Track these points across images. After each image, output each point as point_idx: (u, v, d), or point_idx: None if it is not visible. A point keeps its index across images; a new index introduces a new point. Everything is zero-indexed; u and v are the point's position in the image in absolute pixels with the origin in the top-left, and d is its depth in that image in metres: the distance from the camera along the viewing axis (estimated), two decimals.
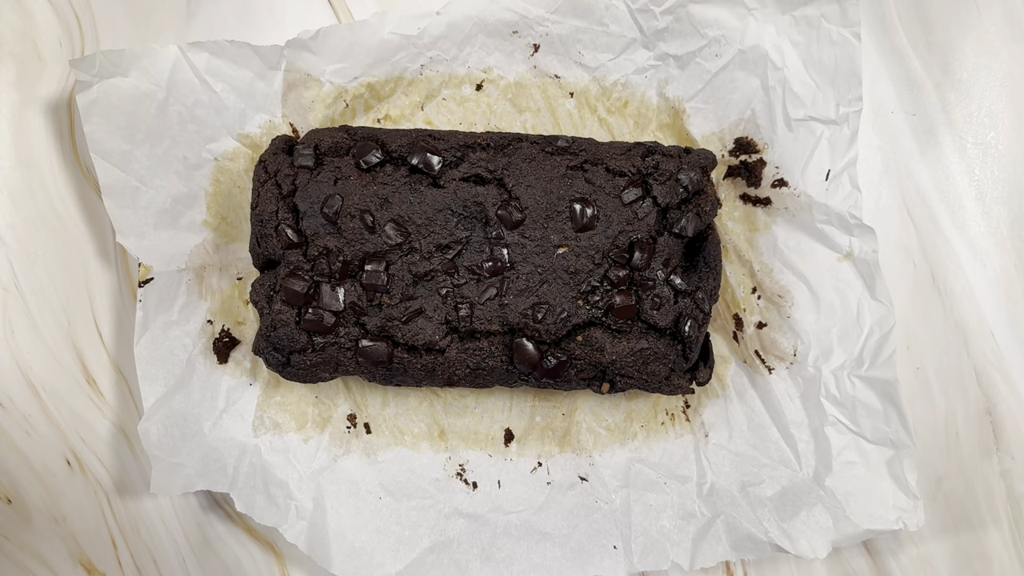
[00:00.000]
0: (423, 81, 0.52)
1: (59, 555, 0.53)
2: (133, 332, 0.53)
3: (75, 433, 0.53)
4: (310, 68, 0.50)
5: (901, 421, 0.49)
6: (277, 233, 0.46)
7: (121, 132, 0.48)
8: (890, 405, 0.49)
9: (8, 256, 0.52)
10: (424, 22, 0.50)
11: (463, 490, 0.52)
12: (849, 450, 0.50)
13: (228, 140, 0.50)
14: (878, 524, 0.49)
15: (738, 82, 0.51)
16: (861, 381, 0.49)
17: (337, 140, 0.48)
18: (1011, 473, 0.53)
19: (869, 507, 0.49)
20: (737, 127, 0.51)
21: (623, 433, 0.53)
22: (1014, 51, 0.54)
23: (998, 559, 0.53)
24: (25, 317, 0.53)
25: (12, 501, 0.53)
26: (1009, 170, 0.54)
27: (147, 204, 0.49)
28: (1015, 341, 0.53)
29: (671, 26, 0.50)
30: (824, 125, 0.49)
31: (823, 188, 0.49)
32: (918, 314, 0.54)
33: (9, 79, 0.52)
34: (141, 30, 0.53)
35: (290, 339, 0.46)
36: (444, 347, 0.47)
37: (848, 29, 0.48)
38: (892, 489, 0.49)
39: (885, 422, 0.49)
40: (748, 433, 0.52)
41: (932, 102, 0.54)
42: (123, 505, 0.54)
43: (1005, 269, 0.54)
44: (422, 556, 0.51)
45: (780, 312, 0.51)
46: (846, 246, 0.49)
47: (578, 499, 0.52)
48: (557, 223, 0.46)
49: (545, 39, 0.51)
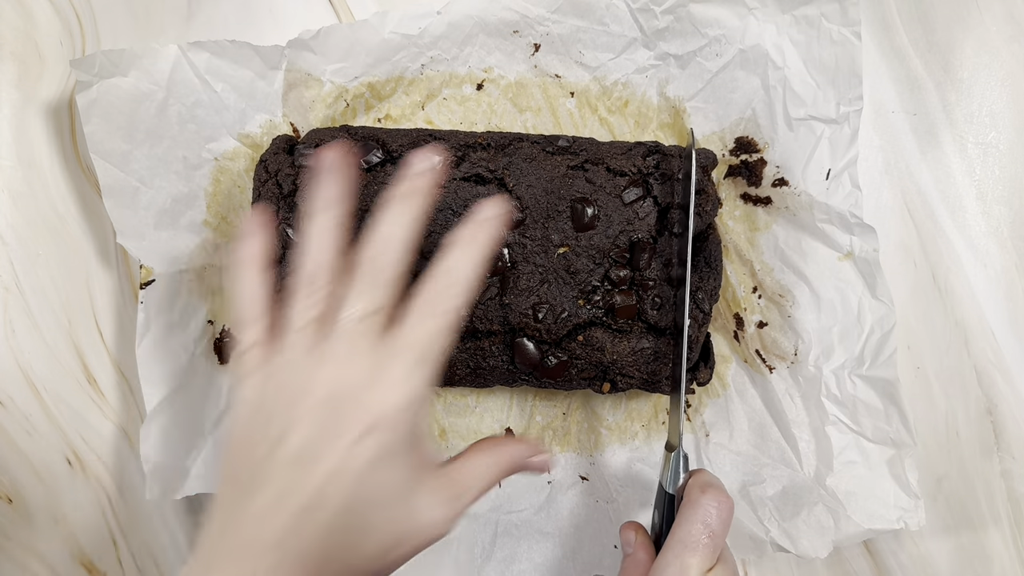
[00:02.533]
0: (424, 81, 0.52)
1: (59, 555, 0.53)
2: (134, 332, 0.53)
3: (76, 433, 0.53)
4: (311, 68, 0.50)
5: (902, 420, 0.49)
6: (277, 233, 0.46)
7: (121, 132, 0.48)
8: (891, 404, 0.49)
9: (9, 256, 0.52)
10: (425, 22, 0.50)
11: None
12: (850, 449, 0.50)
13: (228, 140, 0.50)
14: (879, 523, 0.49)
15: (739, 81, 0.51)
16: (862, 380, 0.49)
17: (338, 140, 0.48)
18: (1012, 473, 0.53)
19: (870, 506, 0.49)
20: (738, 126, 0.51)
21: (623, 432, 0.53)
22: (1015, 51, 0.54)
23: (998, 559, 0.53)
24: (26, 317, 0.53)
25: (13, 501, 0.53)
26: (1010, 170, 0.54)
27: (147, 204, 0.49)
28: (1016, 341, 0.53)
29: (671, 25, 0.50)
30: (825, 124, 0.49)
31: (824, 187, 0.49)
32: (918, 314, 0.53)
33: (10, 79, 0.52)
34: (142, 30, 0.53)
35: None
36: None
37: (849, 28, 0.48)
38: (893, 488, 0.49)
39: (886, 421, 0.49)
40: (749, 433, 0.52)
41: (933, 102, 0.54)
42: (124, 505, 0.54)
43: (1006, 269, 0.54)
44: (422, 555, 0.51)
45: (781, 311, 0.51)
46: (847, 245, 0.49)
47: (579, 498, 0.52)
48: (558, 223, 0.46)
49: (546, 38, 0.51)
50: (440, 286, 0.35)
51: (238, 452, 0.34)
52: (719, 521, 0.38)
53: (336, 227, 0.36)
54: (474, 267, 0.35)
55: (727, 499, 0.39)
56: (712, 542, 0.38)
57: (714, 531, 0.38)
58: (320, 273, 0.35)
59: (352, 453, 0.32)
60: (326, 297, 0.35)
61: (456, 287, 0.35)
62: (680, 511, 0.39)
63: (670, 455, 0.43)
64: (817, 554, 0.49)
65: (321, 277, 0.35)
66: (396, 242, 0.35)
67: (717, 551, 0.38)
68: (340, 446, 0.32)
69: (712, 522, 0.38)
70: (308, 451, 0.32)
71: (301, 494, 0.32)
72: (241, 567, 0.31)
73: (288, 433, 0.33)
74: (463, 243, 0.35)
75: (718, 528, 0.38)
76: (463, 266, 0.35)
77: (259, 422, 0.34)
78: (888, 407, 0.49)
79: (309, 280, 0.35)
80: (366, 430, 0.32)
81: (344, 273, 0.35)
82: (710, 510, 0.38)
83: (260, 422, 0.34)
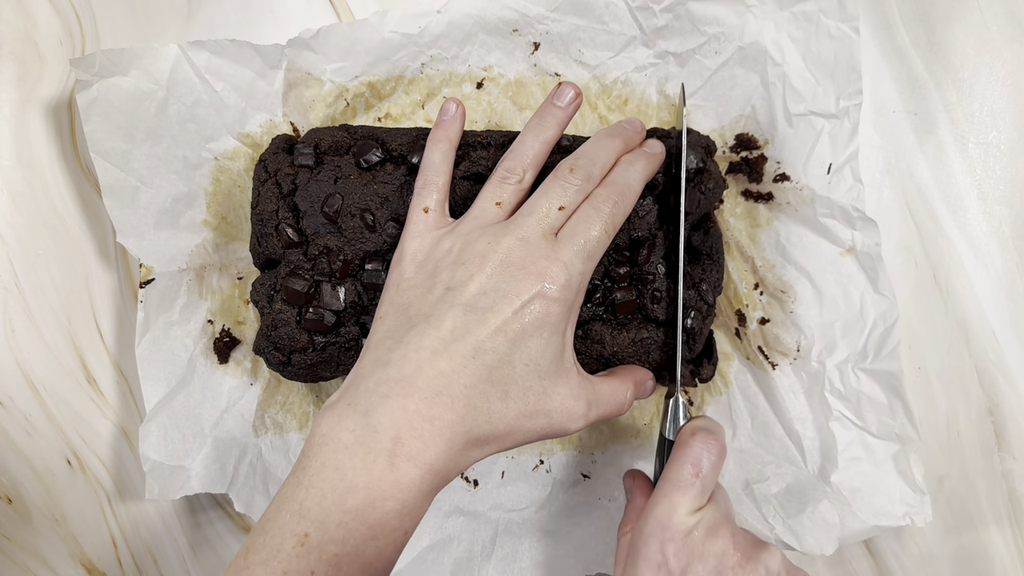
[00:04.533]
0: (424, 80, 0.52)
1: (59, 555, 0.53)
2: (133, 332, 0.53)
3: (76, 433, 0.53)
4: (311, 67, 0.50)
5: (907, 415, 0.49)
6: (277, 232, 0.46)
7: (121, 132, 0.48)
8: (895, 398, 0.49)
9: (8, 255, 0.52)
10: (425, 20, 0.50)
11: (464, 488, 0.52)
12: (854, 445, 0.50)
13: (228, 139, 0.50)
14: (885, 520, 0.49)
15: (738, 79, 0.50)
16: (865, 374, 0.49)
17: (337, 139, 0.47)
18: (1013, 473, 0.53)
19: (875, 503, 0.49)
20: (738, 123, 0.51)
21: (625, 431, 0.53)
22: (1016, 50, 0.54)
23: (1000, 559, 0.53)
24: (26, 316, 0.53)
25: (12, 501, 0.53)
26: (1011, 170, 0.54)
27: (147, 204, 0.49)
28: (1017, 341, 0.53)
29: (670, 24, 0.50)
30: (825, 119, 0.49)
31: (825, 181, 0.49)
32: (919, 314, 0.53)
33: (10, 78, 0.52)
34: (142, 29, 0.53)
35: (291, 338, 0.45)
36: None
37: (847, 23, 0.48)
38: (898, 484, 0.49)
39: (891, 416, 0.49)
40: (752, 430, 0.52)
41: (934, 101, 0.54)
42: (123, 505, 0.54)
43: (1007, 269, 0.53)
44: (423, 554, 0.51)
45: (783, 307, 0.51)
46: (848, 240, 0.49)
47: (580, 496, 0.52)
48: None
49: (545, 37, 0.51)
50: (608, 192, 0.41)
51: (408, 292, 0.39)
52: (708, 463, 0.40)
53: (541, 143, 0.42)
54: (640, 183, 0.42)
55: (716, 442, 0.40)
56: (701, 482, 0.39)
57: (703, 471, 0.40)
58: (517, 169, 0.41)
59: (519, 313, 0.36)
60: (516, 191, 0.41)
61: (622, 198, 0.41)
62: (672, 453, 0.41)
63: (669, 402, 0.44)
64: (823, 551, 0.49)
65: (516, 173, 0.41)
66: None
67: (707, 492, 0.40)
68: (511, 305, 0.36)
69: (701, 463, 0.40)
70: (482, 301, 0.37)
71: (471, 337, 0.36)
72: (406, 390, 0.35)
73: (466, 283, 0.37)
74: (627, 161, 0.42)
75: (707, 469, 0.40)
76: (631, 179, 0.42)
77: (426, 272, 0.39)
78: (892, 401, 0.49)
79: (506, 173, 0.41)
80: (534, 297, 0.37)
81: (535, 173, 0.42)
82: (700, 451, 0.40)
83: (427, 272, 0.39)
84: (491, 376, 0.36)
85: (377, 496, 0.33)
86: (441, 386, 0.35)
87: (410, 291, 0.39)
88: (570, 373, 0.39)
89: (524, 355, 0.37)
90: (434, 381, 0.35)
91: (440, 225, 0.42)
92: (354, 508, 0.33)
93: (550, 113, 0.43)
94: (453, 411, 0.35)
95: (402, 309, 0.39)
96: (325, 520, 0.33)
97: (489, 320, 0.36)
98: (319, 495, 0.33)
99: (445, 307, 0.37)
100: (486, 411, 0.36)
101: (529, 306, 0.37)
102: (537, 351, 0.37)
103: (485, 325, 0.36)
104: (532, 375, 0.37)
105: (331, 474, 0.33)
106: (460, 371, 0.35)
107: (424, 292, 0.38)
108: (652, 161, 0.43)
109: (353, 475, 0.33)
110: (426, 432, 0.34)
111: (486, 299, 0.37)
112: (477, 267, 0.37)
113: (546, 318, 0.37)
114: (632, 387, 0.43)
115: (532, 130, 0.42)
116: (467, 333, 0.36)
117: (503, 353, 0.36)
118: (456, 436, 0.35)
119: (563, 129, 0.43)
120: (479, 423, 0.36)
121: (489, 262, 0.37)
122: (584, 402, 0.39)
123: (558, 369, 0.38)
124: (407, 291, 0.39)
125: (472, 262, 0.38)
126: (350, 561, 0.33)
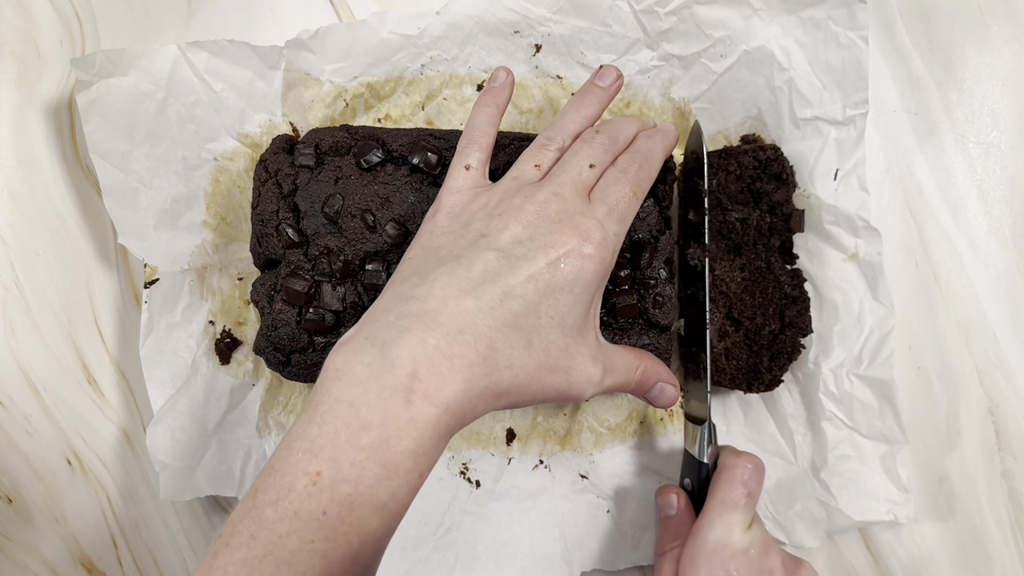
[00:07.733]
0: (424, 81, 0.52)
1: (59, 555, 0.53)
2: (133, 332, 0.53)
3: (76, 433, 0.53)
4: (310, 67, 0.50)
5: (896, 418, 0.49)
6: (278, 233, 0.46)
7: (121, 132, 0.48)
8: (886, 403, 0.49)
9: (8, 255, 0.52)
10: (424, 22, 0.49)
11: (467, 488, 0.52)
12: (844, 444, 0.50)
13: (228, 140, 0.50)
14: (870, 516, 0.50)
15: (743, 82, 0.50)
16: (859, 379, 0.50)
17: (338, 139, 0.47)
18: (1013, 473, 0.53)
19: (861, 499, 0.50)
20: (743, 126, 0.51)
21: (623, 431, 0.53)
22: (1016, 50, 0.54)
23: (999, 559, 0.53)
24: (26, 316, 0.53)
25: (12, 501, 0.53)
26: (1011, 169, 0.54)
27: (147, 205, 0.49)
28: (1017, 341, 0.53)
29: (676, 27, 0.50)
30: (831, 126, 0.49)
31: (832, 189, 0.49)
32: (920, 313, 0.53)
33: (10, 78, 0.52)
34: (142, 29, 0.53)
35: (291, 339, 0.45)
36: None
37: (856, 32, 0.48)
38: (884, 482, 0.50)
39: (880, 419, 0.50)
40: (745, 427, 0.53)
41: (934, 101, 0.54)
42: (124, 505, 0.54)
43: (1007, 269, 0.53)
44: (428, 555, 0.51)
45: None
46: (852, 247, 0.50)
47: (578, 496, 0.52)
48: None
49: (547, 39, 0.51)
50: (633, 157, 0.41)
51: (440, 238, 0.39)
52: (755, 481, 0.43)
53: (583, 117, 0.43)
54: (661, 154, 0.43)
55: (758, 463, 0.44)
56: (750, 500, 0.43)
57: (752, 490, 0.43)
58: (557, 138, 0.41)
59: (554, 265, 0.36)
60: (555, 157, 0.41)
61: (646, 163, 0.42)
62: (717, 475, 0.44)
63: (698, 427, 0.46)
64: (810, 544, 0.50)
65: (556, 141, 0.41)
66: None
67: (754, 508, 0.43)
68: (546, 255, 0.36)
69: (750, 481, 0.43)
70: (518, 249, 0.36)
71: (502, 281, 0.35)
72: (428, 325, 0.34)
73: (501, 232, 0.37)
74: (647, 135, 0.43)
75: (755, 487, 0.43)
76: (653, 149, 0.42)
77: (461, 221, 0.39)
78: (883, 406, 0.50)
79: (546, 140, 0.41)
80: (571, 252, 0.36)
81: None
82: (748, 470, 0.43)
83: (462, 221, 0.39)
84: (516, 323, 0.35)
85: (392, 434, 0.32)
86: (465, 324, 0.34)
87: (442, 236, 0.39)
88: (592, 336, 0.39)
89: (551, 308, 0.36)
90: (458, 318, 0.34)
91: (479, 183, 0.41)
92: (368, 446, 0.31)
93: (592, 92, 0.43)
94: (475, 351, 0.34)
95: (432, 251, 0.38)
96: (338, 458, 0.31)
97: (522, 267, 0.35)
98: (332, 432, 0.31)
99: (478, 250, 0.36)
100: (508, 357, 0.35)
101: (565, 259, 0.36)
102: (565, 307, 0.36)
103: (518, 271, 0.35)
104: (556, 329, 0.36)
105: (344, 410, 0.32)
106: (487, 312, 0.34)
107: (457, 238, 0.38)
108: (668, 137, 0.44)
109: (367, 411, 0.32)
110: (445, 370, 0.33)
111: (521, 247, 0.36)
112: (513, 217, 0.37)
113: (580, 274, 0.36)
114: (641, 369, 0.42)
115: (574, 104, 0.43)
116: (498, 276, 0.35)
117: (532, 302, 0.35)
118: (475, 378, 0.34)
119: (603, 109, 0.43)
120: (499, 368, 0.34)
121: (525, 213, 0.37)
122: (601, 367, 0.39)
123: (582, 328, 0.38)
124: (439, 236, 0.39)
125: (508, 213, 0.37)
126: (363, 502, 0.31)
